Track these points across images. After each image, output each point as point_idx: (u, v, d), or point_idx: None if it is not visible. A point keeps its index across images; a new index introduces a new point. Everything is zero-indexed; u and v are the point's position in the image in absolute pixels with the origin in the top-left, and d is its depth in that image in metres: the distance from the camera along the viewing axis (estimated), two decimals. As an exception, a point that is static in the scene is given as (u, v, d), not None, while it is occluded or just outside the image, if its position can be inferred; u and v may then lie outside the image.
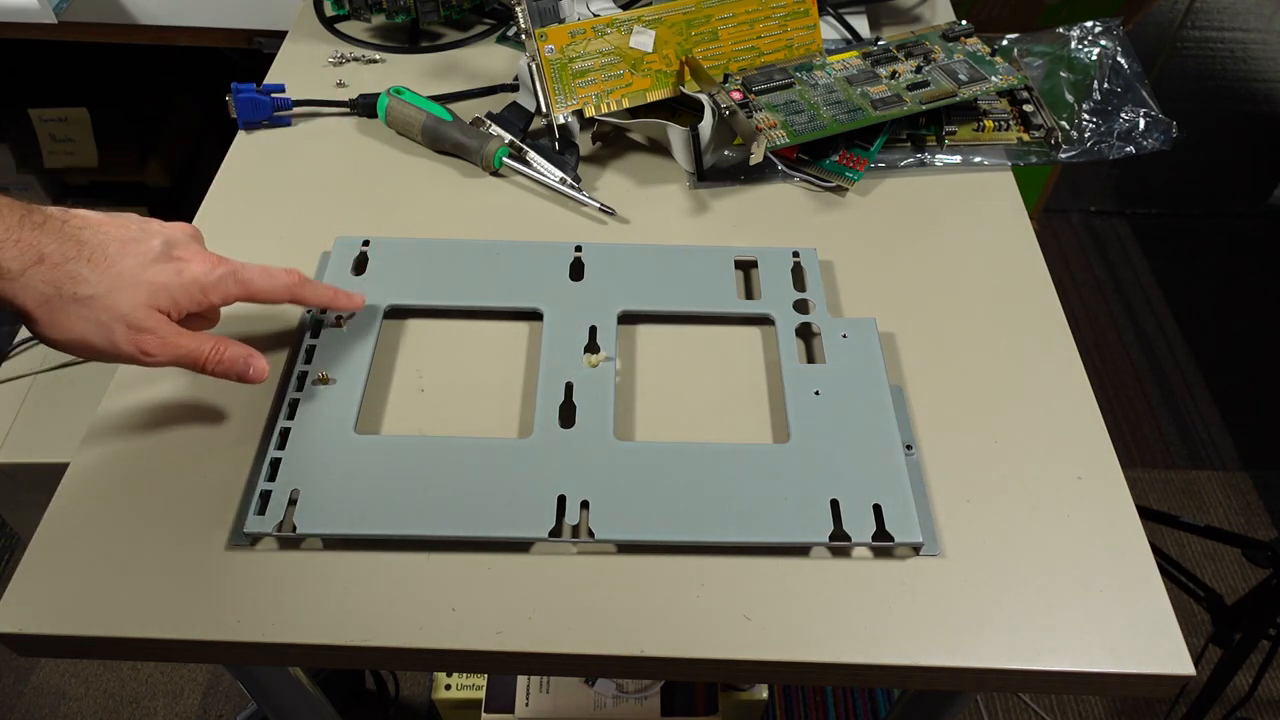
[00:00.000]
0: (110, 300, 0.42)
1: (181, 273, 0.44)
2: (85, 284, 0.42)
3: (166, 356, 0.44)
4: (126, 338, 0.43)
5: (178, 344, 0.44)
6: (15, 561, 0.78)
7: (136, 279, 0.43)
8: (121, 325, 0.43)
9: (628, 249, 0.59)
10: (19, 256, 0.40)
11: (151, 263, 0.44)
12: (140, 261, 0.43)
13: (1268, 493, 1.40)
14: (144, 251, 0.44)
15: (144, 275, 0.43)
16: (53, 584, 0.43)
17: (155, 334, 0.43)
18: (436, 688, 0.97)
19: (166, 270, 0.44)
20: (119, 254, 0.43)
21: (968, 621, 0.43)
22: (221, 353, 0.46)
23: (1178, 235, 1.80)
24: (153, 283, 0.43)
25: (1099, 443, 0.50)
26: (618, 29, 0.65)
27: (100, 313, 0.42)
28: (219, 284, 0.46)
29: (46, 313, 0.41)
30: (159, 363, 0.44)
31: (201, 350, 0.45)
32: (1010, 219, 0.64)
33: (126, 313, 0.43)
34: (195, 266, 0.45)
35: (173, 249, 0.45)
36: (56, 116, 1.31)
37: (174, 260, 0.45)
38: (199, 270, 0.45)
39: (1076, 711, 1.18)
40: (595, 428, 0.49)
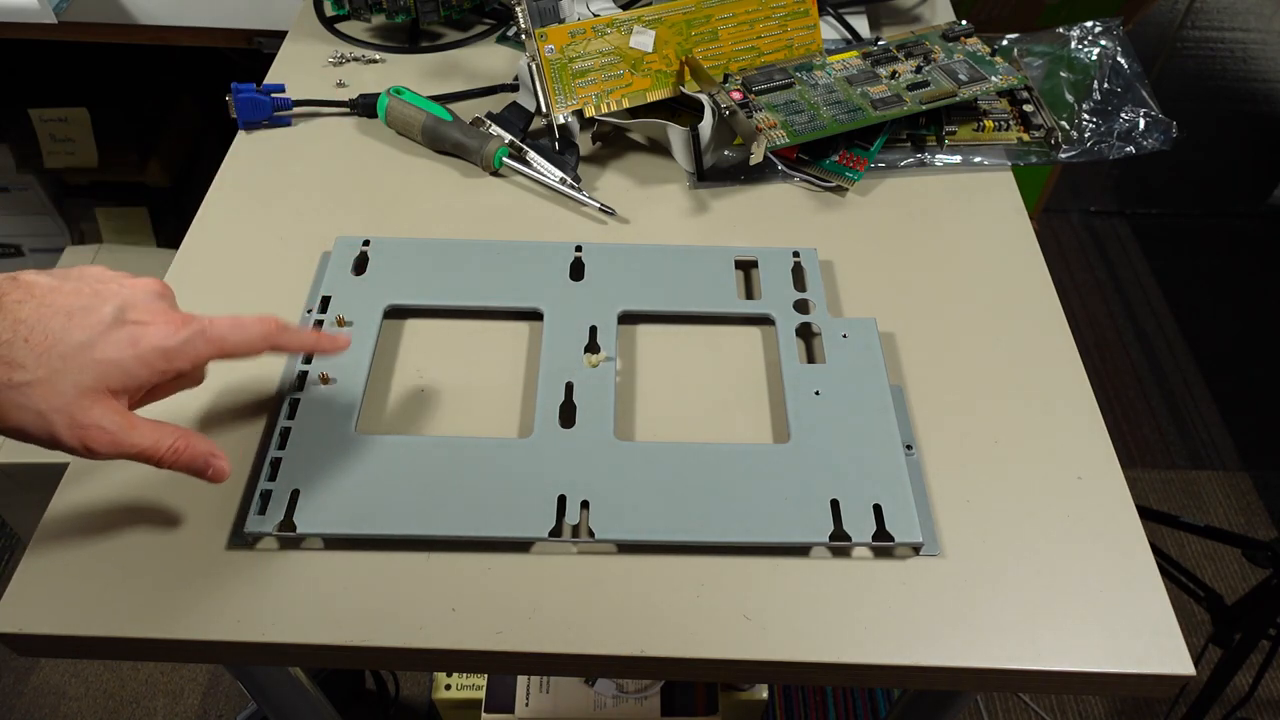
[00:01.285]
0: (50, 388, 0.37)
1: (137, 342, 0.39)
2: (21, 370, 0.37)
3: (114, 453, 0.39)
4: (69, 433, 0.38)
5: (127, 441, 0.40)
6: (15, 561, 0.78)
7: (83, 360, 0.38)
8: (63, 418, 0.38)
9: (628, 249, 0.59)
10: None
11: (101, 335, 0.39)
12: (88, 336, 0.38)
13: (1268, 493, 1.40)
14: (93, 324, 0.39)
15: (92, 354, 0.38)
16: (53, 584, 0.43)
17: (101, 428, 0.39)
18: (436, 688, 0.97)
19: (119, 343, 0.39)
20: (63, 330, 0.38)
21: (968, 621, 0.43)
22: (180, 451, 0.41)
23: (1178, 235, 1.80)
24: (101, 361, 0.38)
25: (1099, 443, 0.50)
26: (618, 29, 0.65)
27: (38, 402, 0.37)
28: (184, 348, 0.41)
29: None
30: (107, 458, 0.40)
31: (158, 448, 0.41)
32: (1010, 219, 0.64)
33: (68, 402, 0.38)
34: (154, 332, 0.40)
35: (126, 313, 0.40)
36: (56, 116, 1.31)
37: (128, 327, 0.39)
38: (159, 336, 0.40)
39: (1076, 711, 1.18)
40: (595, 428, 0.49)
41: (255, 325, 0.43)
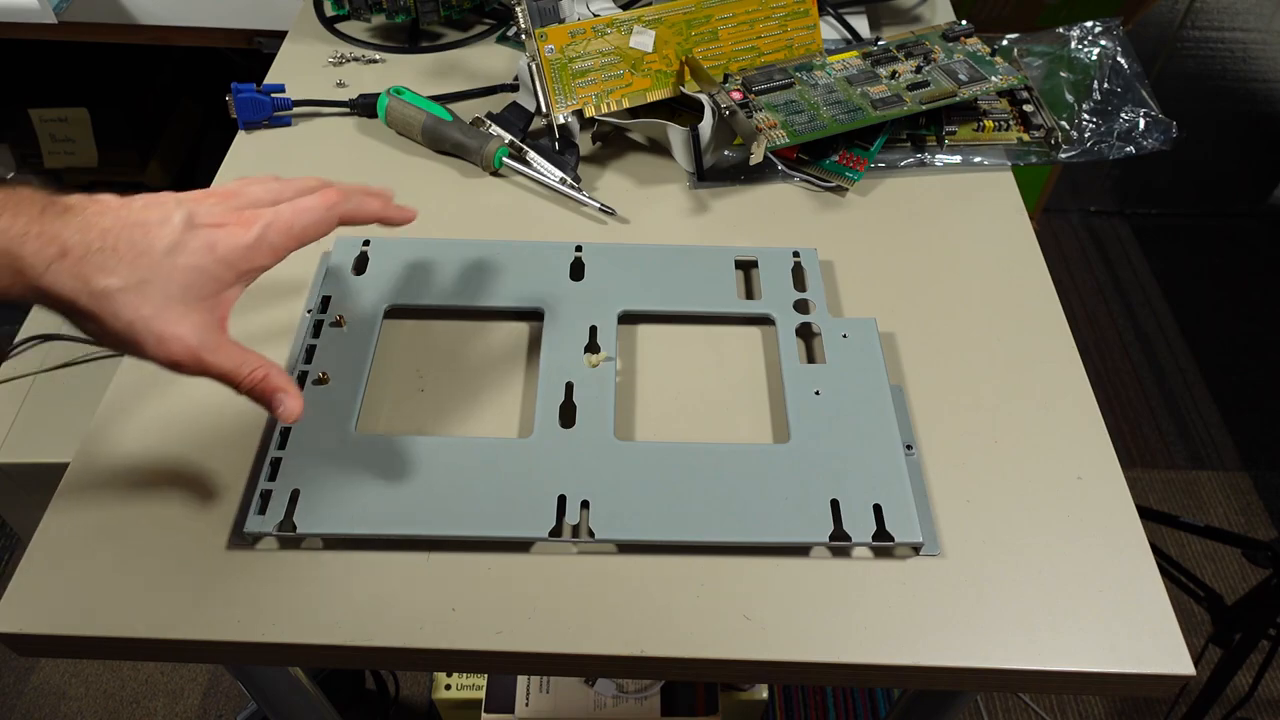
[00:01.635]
0: (140, 296, 0.38)
1: (215, 246, 0.40)
2: (113, 276, 0.37)
3: (195, 369, 0.40)
4: (155, 345, 0.39)
5: (210, 359, 0.40)
6: (15, 561, 0.78)
7: (168, 269, 0.39)
8: (150, 328, 0.38)
9: (628, 249, 0.59)
10: (41, 250, 0.37)
11: (179, 243, 0.39)
12: (167, 244, 0.39)
13: (1268, 493, 1.40)
14: (169, 233, 0.39)
15: (175, 262, 0.39)
16: (53, 584, 0.43)
17: (183, 341, 0.39)
18: (436, 688, 0.97)
19: (198, 249, 0.39)
20: (144, 240, 0.38)
21: (968, 621, 0.43)
22: (258, 380, 0.41)
23: (1178, 235, 1.80)
24: (185, 269, 0.39)
25: (1099, 443, 0.50)
26: (618, 29, 0.65)
27: (128, 311, 0.38)
28: (260, 244, 0.41)
29: (79, 311, 0.38)
30: (192, 373, 0.40)
31: (238, 372, 0.41)
32: (1010, 219, 0.64)
33: (156, 312, 0.38)
34: (229, 233, 0.40)
35: (196, 218, 0.40)
36: (56, 116, 1.31)
37: (202, 231, 0.40)
38: (234, 236, 0.40)
39: (1076, 711, 1.18)
40: (595, 428, 0.49)
41: (318, 204, 0.43)
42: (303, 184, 0.44)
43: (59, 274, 0.37)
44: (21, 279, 0.37)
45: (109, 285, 0.37)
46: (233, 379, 0.41)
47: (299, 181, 0.45)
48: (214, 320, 0.40)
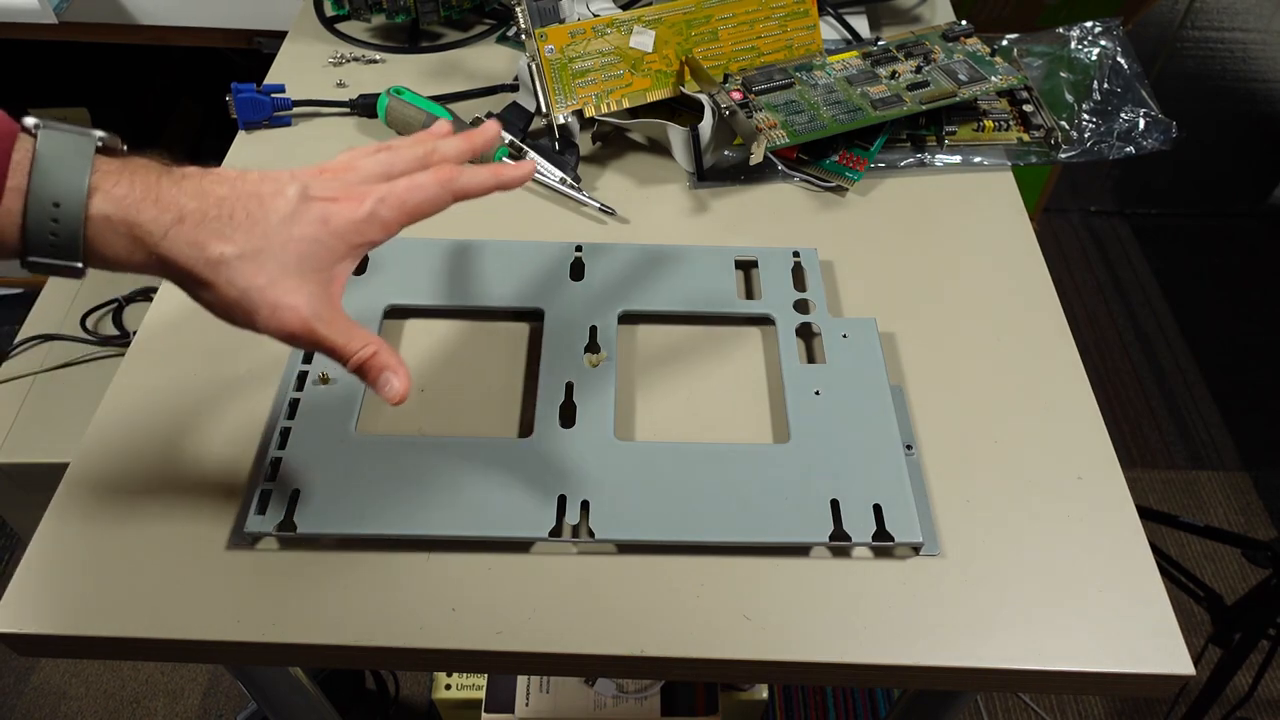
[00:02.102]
0: (256, 264, 0.38)
1: (329, 219, 0.40)
2: (230, 243, 0.37)
3: (307, 340, 0.40)
4: (268, 314, 0.38)
5: (321, 331, 0.39)
6: (15, 561, 0.78)
7: (283, 238, 0.38)
8: (264, 297, 0.38)
9: (628, 249, 0.59)
10: (158, 217, 0.36)
11: (293, 214, 0.39)
12: (282, 215, 0.39)
13: (1268, 493, 1.40)
14: (283, 204, 0.39)
15: (290, 233, 0.39)
16: (53, 584, 0.43)
17: (297, 311, 0.39)
18: (436, 688, 0.97)
19: (312, 221, 0.39)
20: (259, 210, 0.38)
21: (968, 621, 0.43)
22: (365, 359, 0.40)
23: (1178, 235, 1.80)
24: (300, 240, 0.39)
25: (1099, 443, 0.50)
26: (618, 29, 0.65)
27: (243, 278, 0.38)
28: (372, 219, 0.41)
29: (195, 278, 0.38)
30: (304, 346, 0.40)
31: (348, 348, 0.40)
32: (1010, 219, 0.64)
33: (271, 281, 0.38)
34: (342, 207, 0.40)
35: (310, 190, 0.40)
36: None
37: (316, 204, 0.40)
38: (348, 210, 0.40)
39: (1076, 711, 1.18)
40: (595, 428, 0.49)
41: (431, 182, 0.42)
42: (412, 155, 0.44)
43: (176, 240, 0.37)
44: (140, 246, 0.37)
45: (225, 252, 0.37)
46: (342, 353, 0.40)
47: (408, 151, 0.44)
48: (326, 293, 0.40)
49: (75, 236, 0.36)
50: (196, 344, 0.54)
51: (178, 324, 0.55)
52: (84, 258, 0.36)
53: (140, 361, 0.53)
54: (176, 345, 0.54)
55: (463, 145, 0.45)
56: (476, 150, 0.46)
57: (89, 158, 0.36)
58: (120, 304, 0.95)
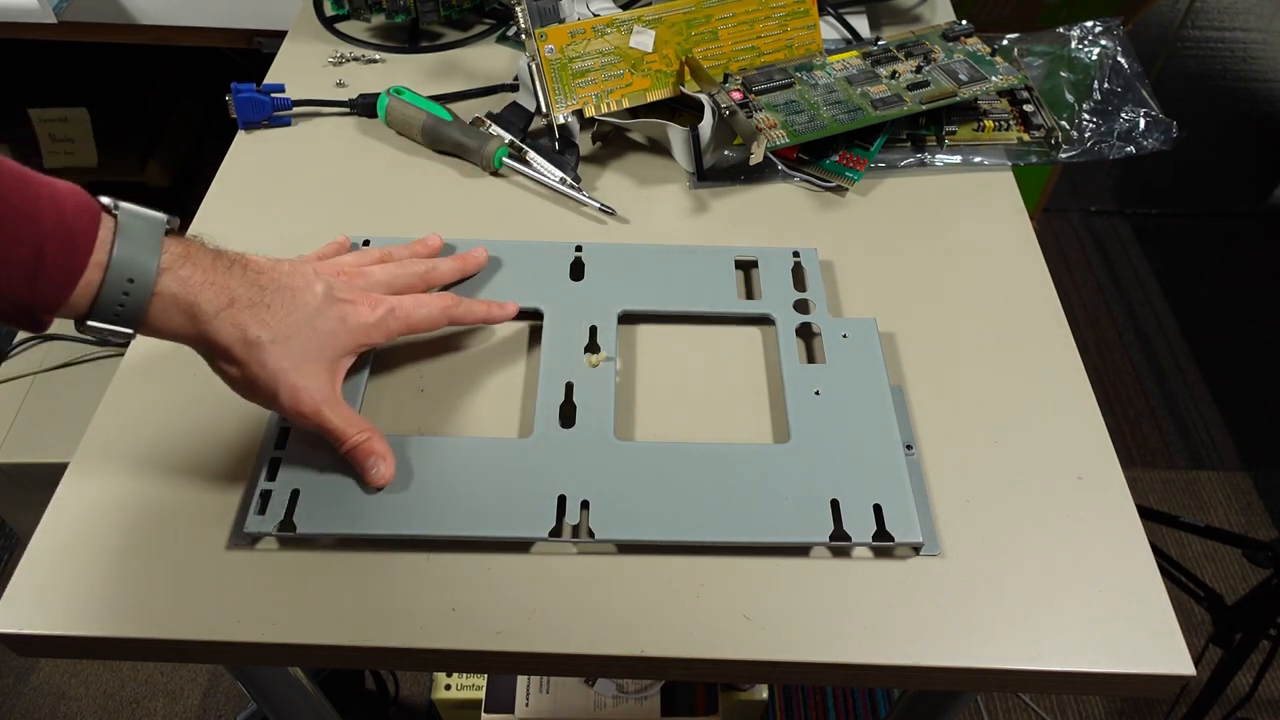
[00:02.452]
0: (283, 350, 0.43)
1: (346, 319, 0.46)
2: (265, 328, 0.43)
3: (314, 421, 0.45)
4: (287, 393, 0.44)
5: (326, 413, 0.45)
6: (15, 561, 0.78)
7: (307, 331, 0.44)
8: (286, 379, 0.43)
9: (628, 249, 0.59)
10: (214, 299, 0.41)
11: (318, 311, 0.45)
12: (309, 312, 0.45)
13: (1268, 493, 1.40)
14: (311, 301, 0.45)
15: (313, 326, 0.45)
16: (53, 584, 0.43)
17: (310, 394, 0.44)
18: (436, 688, 0.97)
19: (332, 319, 0.45)
20: (291, 303, 0.44)
21: (968, 621, 0.43)
22: (359, 445, 0.45)
23: (1178, 235, 1.80)
24: (321, 333, 0.45)
25: (1099, 443, 0.50)
26: (618, 29, 0.65)
27: (272, 361, 0.43)
28: (380, 325, 0.47)
29: (230, 357, 0.42)
30: (307, 426, 0.45)
31: (346, 433, 0.45)
32: (1010, 219, 0.64)
33: (295, 365, 0.44)
34: (359, 310, 0.47)
35: (334, 291, 0.46)
36: (56, 116, 1.31)
37: (337, 305, 0.46)
38: (363, 314, 0.47)
39: (1076, 711, 1.18)
40: (595, 428, 0.49)
41: (435, 303, 0.50)
42: (415, 272, 0.51)
43: (224, 321, 0.42)
44: (194, 324, 0.41)
45: (261, 336, 0.42)
46: (341, 436, 0.45)
47: (411, 267, 0.51)
48: (333, 380, 0.46)
49: (140, 309, 0.40)
50: (196, 344, 0.54)
51: (178, 324, 0.55)
52: (139, 327, 0.41)
53: (140, 361, 0.53)
54: (176, 345, 0.54)
55: (456, 266, 0.54)
56: (468, 272, 0.55)
57: (159, 239, 0.40)
58: (120, 304, 0.95)
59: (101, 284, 0.39)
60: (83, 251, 0.38)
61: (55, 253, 0.37)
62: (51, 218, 0.37)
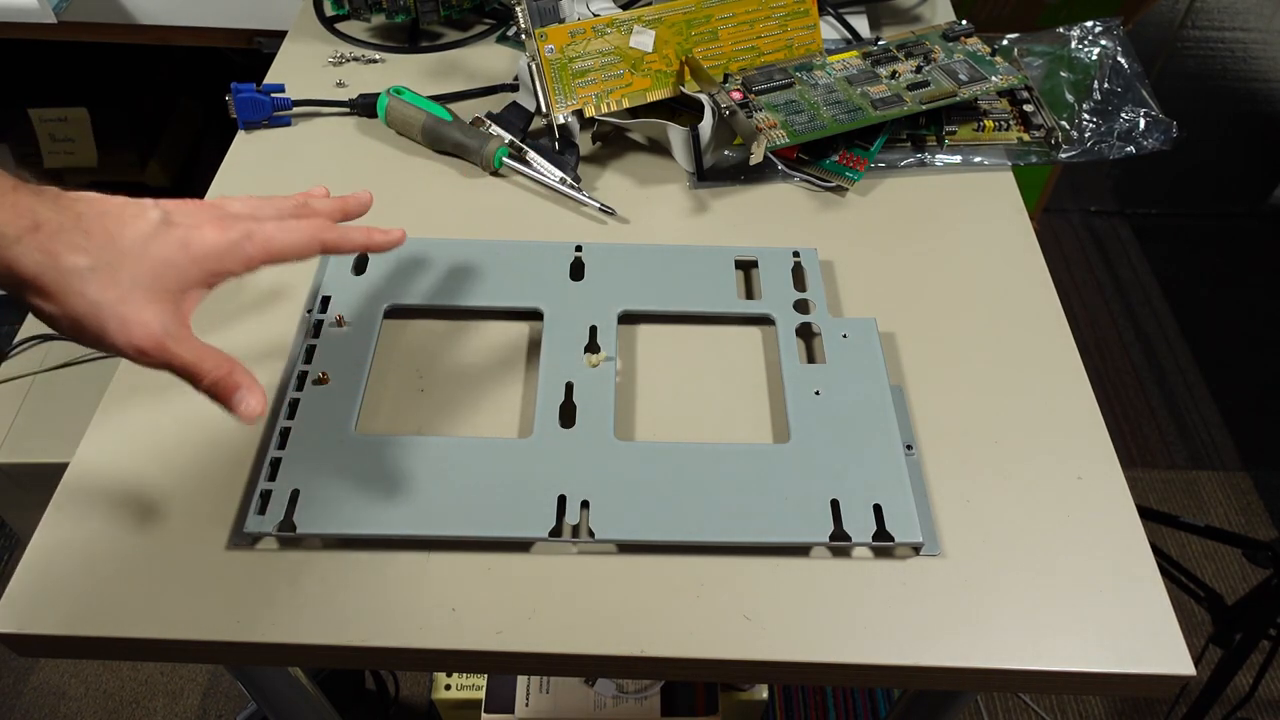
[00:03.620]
0: (108, 278, 0.37)
1: (189, 244, 0.40)
2: (82, 253, 0.37)
3: (158, 357, 0.39)
4: (119, 328, 0.38)
5: (172, 348, 0.39)
6: (15, 561, 0.78)
7: (138, 255, 0.38)
8: (114, 311, 0.38)
9: (628, 249, 0.59)
10: (14, 220, 0.36)
11: (153, 236, 0.39)
12: (141, 235, 0.39)
13: (1268, 493, 1.40)
14: (143, 226, 0.39)
15: (146, 252, 0.39)
16: (53, 584, 0.43)
17: (147, 327, 0.38)
18: (436, 688, 0.97)
19: (171, 243, 0.39)
20: (117, 228, 0.38)
21: (968, 621, 0.43)
22: (220, 377, 0.40)
23: (1178, 235, 1.80)
24: (156, 260, 0.39)
25: (1099, 443, 0.50)
26: (618, 29, 0.65)
27: (94, 291, 0.37)
28: (234, 250, 0.41)
29: (41, 287, 0.37)
30: (154, 365, 0.39)
31: (200, 365, 0.39)
32: (1010, 219, 0.64)
33: (123, 295, 0.38)
34: (204, 234, 0.40)
35: (173, 217, 0.40)
36: (56, 116, 1.31)
37: (177, 229, 0.40)
38: (210, 238, 0.40)
39: (1076, 711, 1.18)
40: (595, 428, 0.49)
41: (304, 226, 0.43)
42: (283, 203, 0.45)
43: (28, 247, 0.36)
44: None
45: (77, 263, 0.37)
46: (194, 371, 0.39)
47: (280, 200, 0.45)
48: (179, 313, 0.40)
49: None
50: (196, 344, 0.54)
51: (178, 324, 0.55)
52: None
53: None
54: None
55: (335, 204, 0.47)
56: (349, 212, 0.47)
57: None
58: (120, 304, 0.95)
59: None
60: None
61: None
62: None
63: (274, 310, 0.56)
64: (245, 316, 0.55)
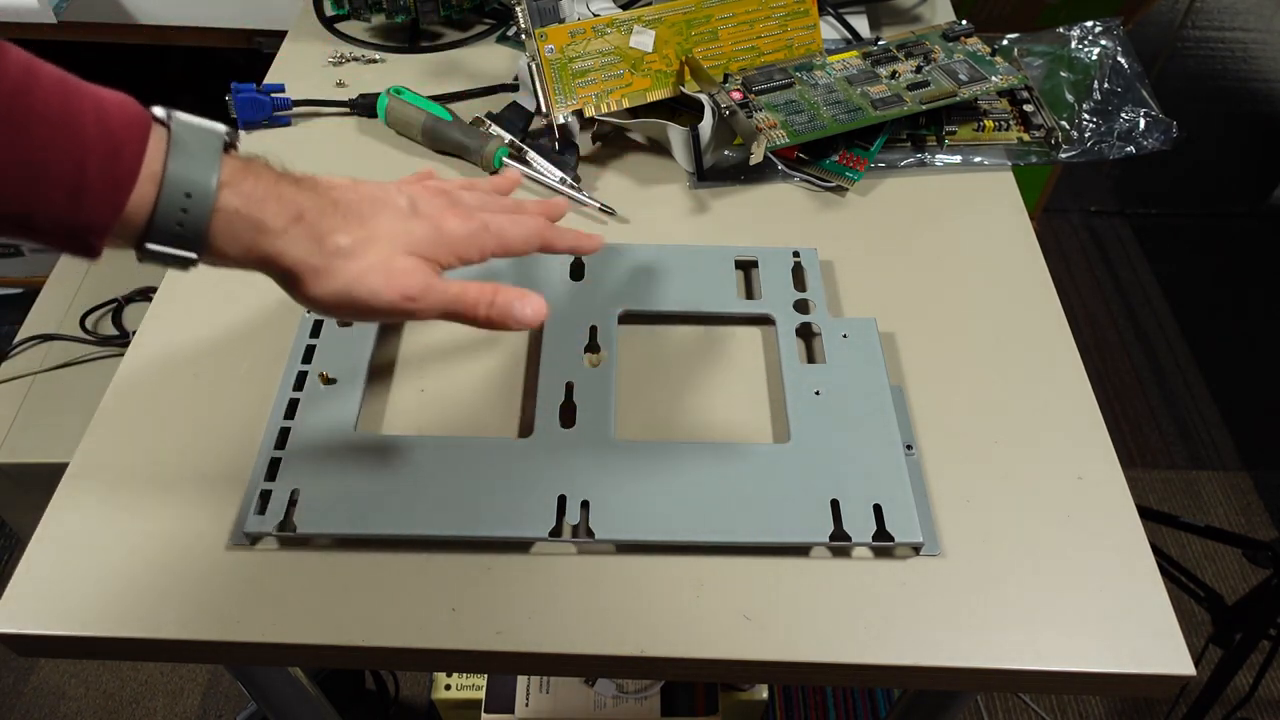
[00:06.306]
0: (365, 250, 0.39)
1: (438, 228, 0.42)
2: (344, 234, 0.39)
3: (433, 301, 0.40)
4: (388, 283, 0.39)
5: (444, 288, 0.41)
6: (15, 561, 0.78)
7: (396, 232, 0.41)
8: (380, 270, 0.39)
9: (628, 249, 0.59)
10: (280, 213, 0.38)
11: (404, 221, 0.41)
12: (393, 220, 0.41)
13: (1268, 493, 1.40)
14: (394, 212, 0.41)
15: (403, 228, 0.41)
16: (53, 584, 0.43)
17: (413, 274, 0.40)
18: (436, 688, 0.97)
19: (422, 225, 0.42)
20: (372, 212, 0.41)
21: (968, 621, 0.43)
22: (494, 295, 0.41)
23: (1178, 235, 1.80)
24: (410, 234, 0.41)
25: (1099, 443, 0.50)
26: (618, 29, 0.65)
27: (359, 262, 0.39)
28: (473, 239, 0.43)
29: (309, 270, 0.39)
30: (424, 310, 0.40)
31: (467, 294, 0.41)
32: (1010, 219, 0.64)
33: (384, 259, 0.40)
34: (450, 220, 0.42)
35: (419, 206, 0.42)
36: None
37: (424, 217, 0.42)
38: (453, 226, 0.42)
39: (1076, 711, 1.18)
40: (595, 428, 0.49)
41: (529, 223, 0.45)
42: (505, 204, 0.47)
43: (295, 236, 0.38)
44: (262, 242, 0.38)
45: (340, 243, 0.39)
46: (466, 304, 0.41)
47: (500, 201, 0.47)
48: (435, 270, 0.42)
49: (200, 227, 0.36)
50: (196, 344, 0.54)
51: (177, 324, 0.55)
52: (201, 249, 0.37)
53: (140, 361, 0.53)
54: (176, 345, 0.54)
55: (544, 205, 0.49)
56: (553, 216, 0.49)
57: (218, 151, 0.37)
58: (120, 304, 0.95)
59: (156, 201, 0.35)
60: (129, 165, 0.35)
61: (99, 167, 0.34)
62: (95, 129, 0.34)
63: (274, 310, 0.56)
64: (246, 316, 0.55)
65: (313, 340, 0.53)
